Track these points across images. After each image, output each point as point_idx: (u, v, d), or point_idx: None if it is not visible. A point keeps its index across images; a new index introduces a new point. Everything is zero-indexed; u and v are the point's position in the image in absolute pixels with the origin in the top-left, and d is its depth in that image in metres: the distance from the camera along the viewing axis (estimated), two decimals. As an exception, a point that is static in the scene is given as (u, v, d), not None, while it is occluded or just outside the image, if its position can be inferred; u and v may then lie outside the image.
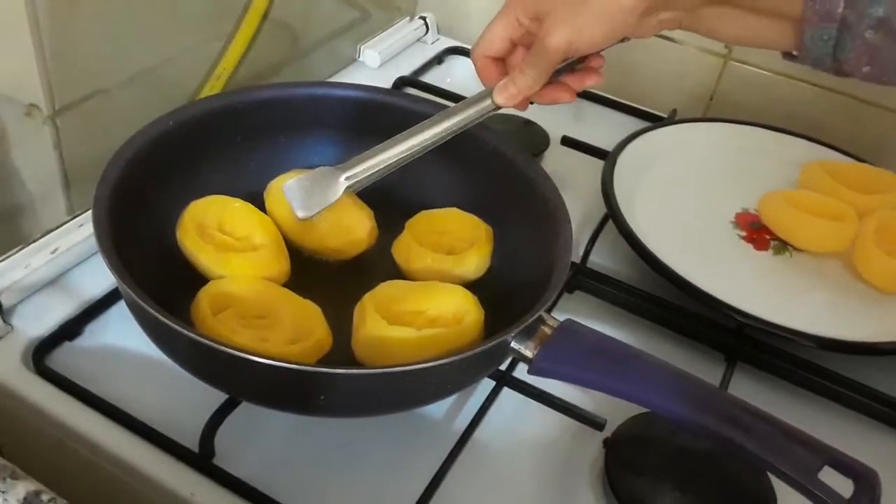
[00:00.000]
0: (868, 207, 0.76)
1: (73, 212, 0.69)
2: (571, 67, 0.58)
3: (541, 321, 0.53)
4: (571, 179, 0.81)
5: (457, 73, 1.03)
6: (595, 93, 0.99)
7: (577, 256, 0.73)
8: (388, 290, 0.59)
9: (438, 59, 1.05)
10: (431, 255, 0.64)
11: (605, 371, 0.52)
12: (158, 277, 0.56)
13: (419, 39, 1.08)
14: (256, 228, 0.63)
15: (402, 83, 0.96)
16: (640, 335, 0.70)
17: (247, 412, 0.55)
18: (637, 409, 0.57)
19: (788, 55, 0.57)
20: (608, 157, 0.81)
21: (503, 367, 0.60)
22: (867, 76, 0.53)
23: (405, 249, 0.65)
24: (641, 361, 0.52)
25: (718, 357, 0.68)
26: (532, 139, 0.87)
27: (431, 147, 0.59)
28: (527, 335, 0.52)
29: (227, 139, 0.67)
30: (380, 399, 0.52)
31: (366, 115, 0.71)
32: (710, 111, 1.02)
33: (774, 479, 0.54)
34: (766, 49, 0.57)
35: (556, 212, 0.62)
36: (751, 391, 0.65)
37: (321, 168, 0.61)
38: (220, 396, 0.55)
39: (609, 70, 0.59)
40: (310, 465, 0.56)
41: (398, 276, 0.64)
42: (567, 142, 0.88)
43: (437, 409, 0.61)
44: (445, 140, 0.59)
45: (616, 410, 0.58)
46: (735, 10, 0.55)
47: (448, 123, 0.59)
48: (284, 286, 0.60)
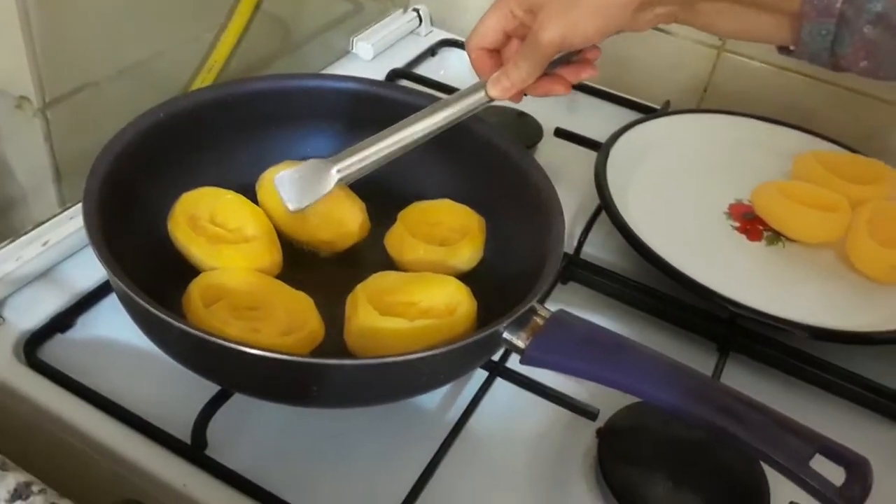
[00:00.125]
0: (861, 198, 0.76)
1: (65, 204, 0.69)
2: (567, 59, 0.58)
3: (533, 312, 0.53)
4: (565, 171, 0.81)
5: (450, 66, 1.03)
6: (588, 84, 0.98)
7: (571, 247, 0.73)
8: (381, 282, 0.59)
9: (432, 52, 1.04)
10: (424, 247, 0.64)
11: (598, 361, 0.52)
12: (150, 269, 0.56)
13: (412, 31, 1.07)
14: (248, 220, 0.63)
15: (396, 75, 0.96)
16: (634, 326, 0.70)
17: (239, 403, 0.55)
18: (630, 399, 0.57)
19: (784, 50, 0.57)
20: (601, 149, 0.81)
21: (496, 358, 0.60)
22: (864, 71, 0.53)
23: (398, 241, 0.65)
24: (634, 351, 0.52)
25: (711, 347, 0.68)
26: (525, 131, 0.87)
27: (424, 139, 0.59)
28: (519, 325, 0.52)
29: (219, 131, 0.67)
30: (372, 390, 0.52)
31: (358, 107, 0.71)
32: (704, 102, 1.02)
33: (767, 468, 0.54)
34: (763, 43, 0.57)
35: (549, 203, 0.62)
36: (743, 381, 0.65)
37: (312, 160, 0.60)
38: (213, 388, 0.55)
39: (602, 62, 0.59)
40: (302, 456, 0.56)
41: (391, 268, 0.64)
42: (560, 133, 0.88)
43: (430, 400, 0.61)
44: (438, 132, 0.59)
45: (609, 400, 0.58)
46: (732, 5, 0.55)
47: (441, 115, 0.59)
48: (277, 278, 0.60)
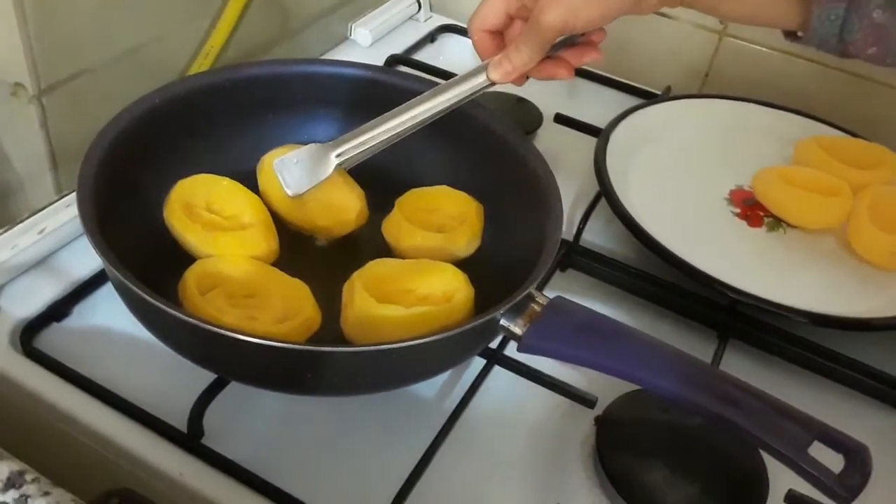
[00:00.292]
0: (862, 183, 0.76)
1: (61, 192, 0.68)
2: (571, 41, 0.57)
3: (530, 298, 0.53)
4: (564, 157, 0.81)
5: (449, 52, 1.02)
6: (589, 70, 0.98)
7: (570, 234, 0.73)
8: (378, 269, 0.59)
9: (431, 37, 1.04)
10: (421, 233, 0.63)
11: (595, 348, 0.51)
12: (145, 257, 0.56)
13: (411, 17, 1.06)
14: (244, 207, 0.62)
15: (394, 61, 0.95)
16: (633, 313, 0.69)
17: (235, 392, 0.55)
18: (628, 387, 0.57)
19: (792, 35, 0.56)
20: (601, 135, 0.81)
21: (494, 346, 0.60)
22: (873, 58, 0.53)
23: (395, 227, 0.65)
24: (632, 338, 0.52)
25: (711, 334, 0.68)
26: (525, 117, 0.86)
27: (424, 123, 0.59)
28: (516, 312, 0.52)
29: (215, 117, 0.67)
30: (369, 377, 0.52)
31: (356, 93, 0.71)
32: (706, 87, 1.01)
33: (766, 456, 0.54)
34: (770, 28, 0.56)
35: (547, 189, 0.61)
36: (743, 368, 0.65)
37: (312, 145, 0.60)
38: (209, 376, 0.54)
39: (603, 46, 0.59)
40: (299, 445, 0.56)
41: (388, 254, 0.64)
42: (560, 119, 0.87)
43: (428, 388, 0.61)
44: (439, 116, 0.59)
45: (607, 388, 0.58)
46: None
47: (442, 99, 0.58)
48: (273, 265, 0.60)
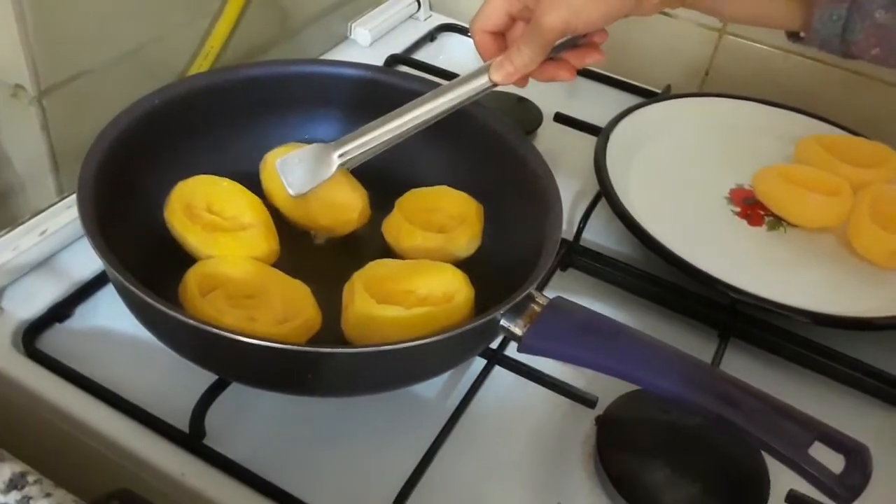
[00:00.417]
0: (863, 181, 0.76)
1: (62, 193, 0.69)
2: (573, 43, 0.57)
3: (530, 299, 0.53)
4: (564, 156, 0.81)
5: (449, 51, 1.02)
6: (589, 69, 0.97)
7: (570, 234, 0.73)
8: (378, 269, 0.59)
9: (431, 37, 1.03)
10: (422, 234, 0.63)
11: (595, 348, 0.51)
12: (146, 258, 0.56)
13: (411, 16, 1.06)
14: (245, 208, 0.62)
15: (394, 61, 0.95)
16: (634, 312, 0.69)
17: (237, 392, 0.55)
18: (629, 387, 0.57)
19: (794, 36, 0.56)
20: (601, 134, 0.81)
21: (494, 346, 0.60)
22: (875, 58, 0.52)
23: (395, 228, 0.65)
24: (632, 338, 0.52)
25: (712, 333, 0.68)
26: (525, 116, 0.86)
27: (427, 124, 0.59)
28: (516, 313, 0.52)
29: (215, 118, 0.67)
30: (369, 378, 0.52)
31: (356, 94, 0.71)
32: (706, 86, 1.01)
33: (767, 456, 0.54)
34: (772, 28, 0.56)
35: (547, 189, 0.61)
36: (744, 367, 0.65)
37: (315, 144, 0.60)
38: (211, 377, 0.55)
39: (603, 45, 0.58)
40: (301, 445, 0.56)
41: (388, 255, 0.64)
42: (560, 118, 0.87)
43: (429, 388, 0.61)
44: (441, 117, 0.59)
45: (608, 388, 0.58)
46: None
47: (443, 100, 0.58)
48: (274, 266, 0.60)
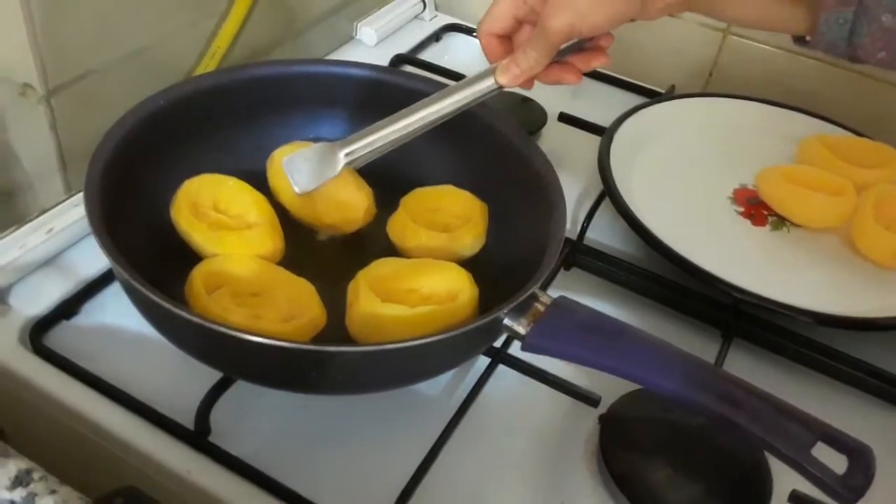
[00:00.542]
0: (866, 182, 0.76)
1: (70, 191, 0.69)
2: (579, 46, 0.58)
3: (534, 298, 0.53)
4: (568, 156, 0.81)
5: (455, 51, 1.03)
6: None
7: (574, 233, 0.73)
8: (382, 268, 0.59)
9: (436, 37, 1.04)
10: (426, 233, 0.64)
11: (599, 347, 0.52)
12: (152, 256, 0.56)
13: (417, 16, 1.07)
14: (250, 207, 0.62)
15: (400, 61, 0.95)
16: (637, 312, 0.69)
17: (242, 390, 0.55)
18: (632, 386, 0.57)
19: (800, 40, 0.56)
20: (605, 134, 0.81)
21: (498, 344, 0.60)
22: (882, 62, 0.52)
23: (400, 227, 0.65)
24: (635, 338, 0.52)
25: (715, 333, 0.68)
26: (529, 116, 0.87)
27: (432, 125, 0.59)
28: (520, 312, 0.52)
29: (221, 118, 0.67)
30: (374, 376, 0.52)
31: (362, 94, 0.71)
32: (710, 86, 1.01)
33: (770, 456, 0.54)
34: (778, 32, 0.56)
35: (551, 189, 0.61)
36: (747, 367, 0.65)
37: (321, 143, 0.61)
38: (216, 374, 0.55)
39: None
40: (306, 442, 0.56)
41: (393, 254, 0.64)
42: (564, 118, 0.87)
43: (433, 386, 0.61)
44: (447, 118, 0.59)
45: (611, 387, 0.58)
46: None
47: (450, 101, 0.59)
48: (279, 264, 0.60)
